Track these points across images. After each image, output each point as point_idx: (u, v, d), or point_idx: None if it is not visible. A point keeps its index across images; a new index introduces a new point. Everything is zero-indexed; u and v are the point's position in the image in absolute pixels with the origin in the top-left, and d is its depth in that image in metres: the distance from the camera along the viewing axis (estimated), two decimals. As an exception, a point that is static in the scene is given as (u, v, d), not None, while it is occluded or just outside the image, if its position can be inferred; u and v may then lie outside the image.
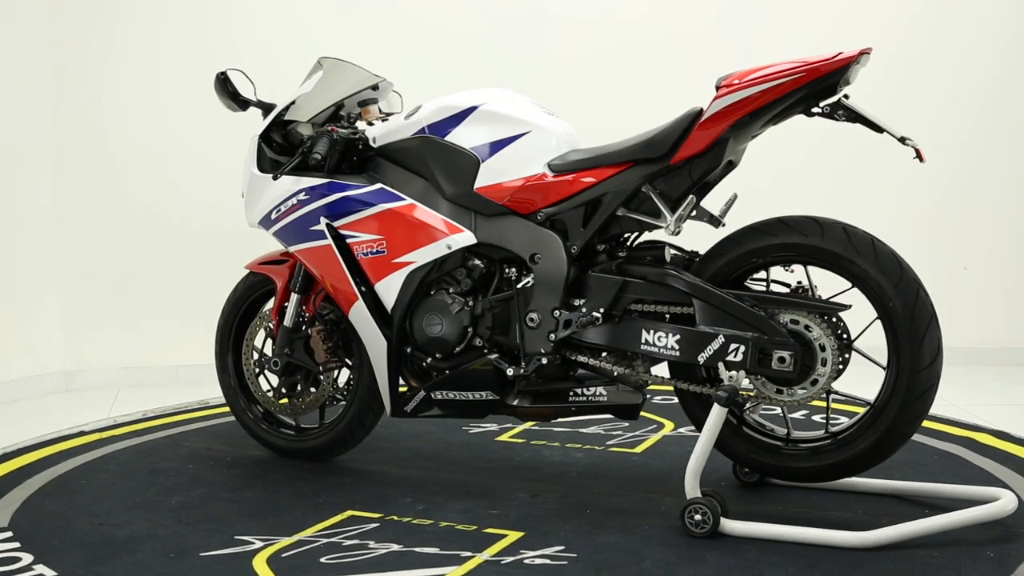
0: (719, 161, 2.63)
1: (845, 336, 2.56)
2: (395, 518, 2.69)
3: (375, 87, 3.19)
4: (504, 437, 3.52)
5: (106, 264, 4.61)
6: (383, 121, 3.21)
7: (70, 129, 4.52)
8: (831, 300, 2.58)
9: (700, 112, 2.60)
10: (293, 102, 3.10)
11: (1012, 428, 3.48)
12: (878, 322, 2.56)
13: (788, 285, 2.69)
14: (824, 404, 2.68)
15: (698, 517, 2.51)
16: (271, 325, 3.23)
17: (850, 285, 2.60)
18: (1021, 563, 2.30)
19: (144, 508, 2.82)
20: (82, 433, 3.68)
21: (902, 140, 2.46)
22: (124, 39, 4.55)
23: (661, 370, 2.77)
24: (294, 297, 3.15)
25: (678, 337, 2.62)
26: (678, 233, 2.65)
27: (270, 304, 3.35)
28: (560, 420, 3.60)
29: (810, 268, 2.64)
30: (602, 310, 2.69)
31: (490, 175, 2.82)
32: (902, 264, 2.53)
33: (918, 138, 2.50)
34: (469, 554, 2.43)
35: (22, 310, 4.43)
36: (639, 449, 3.34)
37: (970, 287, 4.74)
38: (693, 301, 2.62)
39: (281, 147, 3.14)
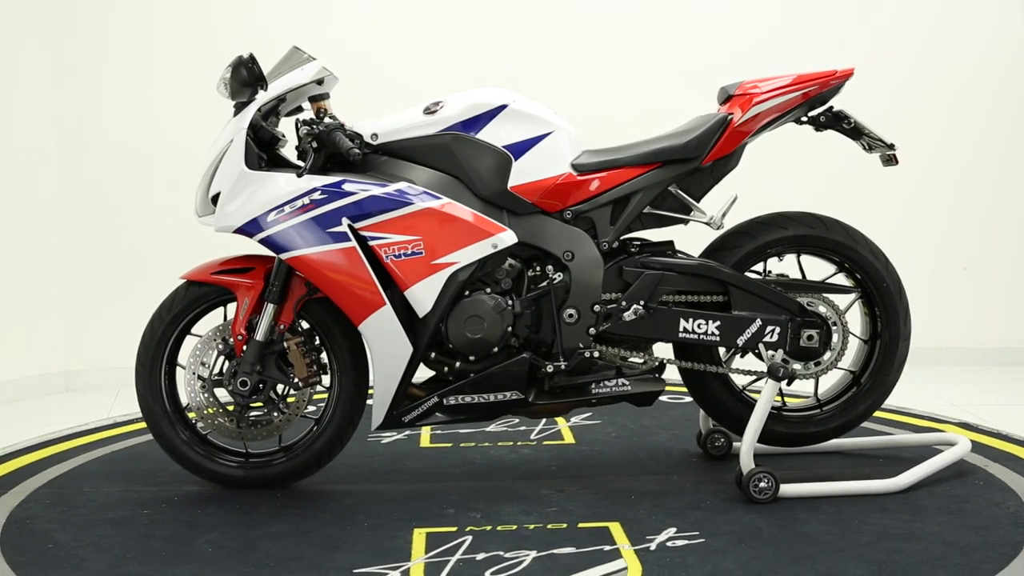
0: (737, 162, 2.91)
1: None
2: (474, 528, 2.59)
3: (320, 81, 2.97)
4: (425, 444, 3.43)
5: (106, 264, 4.53)
6: (332, 118, 3.01)
7: (70, 129, 4.44)
8: (830, 282, 2.97)
9: (725, 117, 2.85)
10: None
11: (1012, 428, 3.47)
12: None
13: (767, 273, 3.04)
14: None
15: (763, 484, 2.75)
16: (230, 341, 2.87)
17: (835, 270, 3.02)
18: (1007, 479, 2.89)
19: (183, 559, 2.41)
20: (82, 433, 3.59)
21: (890, 147, 2.93)
22: (124, 38, 4.47)
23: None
24: (269, 308, 2.84)
25: (718, 323, 2.85)
26: (721, 227, 2.87)
27: (208, 320, 2.97)
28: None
29: (806, 256, 3.01)
30: (643, 303, 2.83)
31: (522, 174, 2.82)
32: (883, 252, 3.00)
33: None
34: (609, 547, 2.45)
35: (22, 310, 4.38)
36: (569, 440, 3.46)
37: (970, 287, 4.65)
38: (730, 289, 2.86)
39: (255, 142, 2.81)
